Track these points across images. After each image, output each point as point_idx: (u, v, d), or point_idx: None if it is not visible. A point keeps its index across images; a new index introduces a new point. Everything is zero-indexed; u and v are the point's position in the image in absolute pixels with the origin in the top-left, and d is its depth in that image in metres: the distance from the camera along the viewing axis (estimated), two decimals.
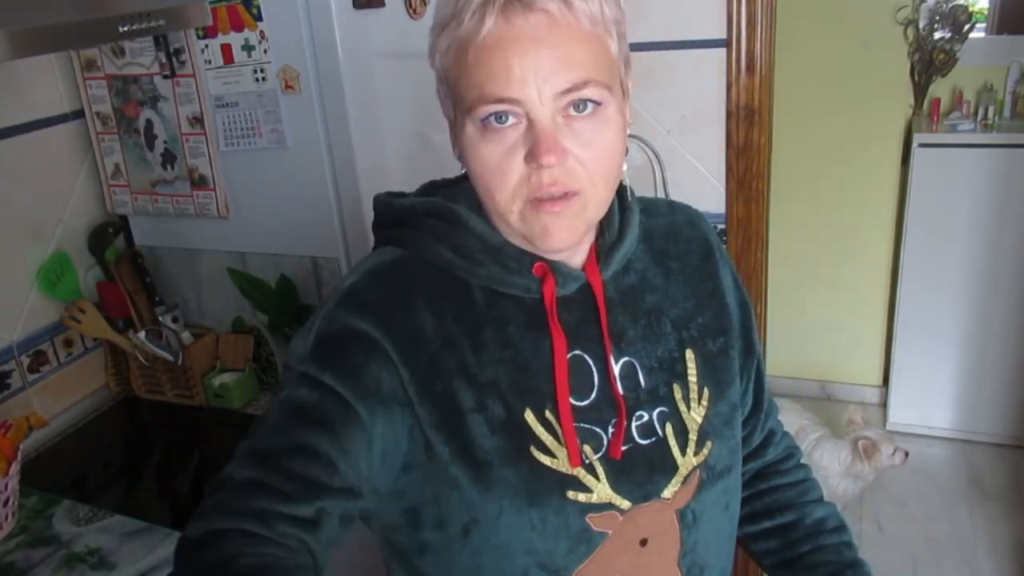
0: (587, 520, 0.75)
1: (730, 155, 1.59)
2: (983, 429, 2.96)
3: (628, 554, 0.77)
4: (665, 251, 0.85)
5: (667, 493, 0.78)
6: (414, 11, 1.60)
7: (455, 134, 0.74)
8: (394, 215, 0.80)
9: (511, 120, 0.67)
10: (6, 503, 1.30)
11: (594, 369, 0.77)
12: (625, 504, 0.77)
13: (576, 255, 0.78)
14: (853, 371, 3.25)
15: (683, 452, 0.79)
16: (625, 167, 0.77)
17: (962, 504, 2.69)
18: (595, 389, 0.77)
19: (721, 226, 1.65)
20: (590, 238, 0.79)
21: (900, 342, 2.96)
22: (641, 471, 0.77)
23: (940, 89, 2.86)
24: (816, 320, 3.19)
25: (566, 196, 0.69)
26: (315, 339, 0.73)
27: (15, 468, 1.31)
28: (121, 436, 1.66)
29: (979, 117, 2.75)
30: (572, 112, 0.67)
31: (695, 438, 0.80)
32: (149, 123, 1.58)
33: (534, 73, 0.65)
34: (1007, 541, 2.52)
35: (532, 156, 0.67)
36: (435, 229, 0.77)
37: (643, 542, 0.78)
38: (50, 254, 1.62)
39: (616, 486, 0.76)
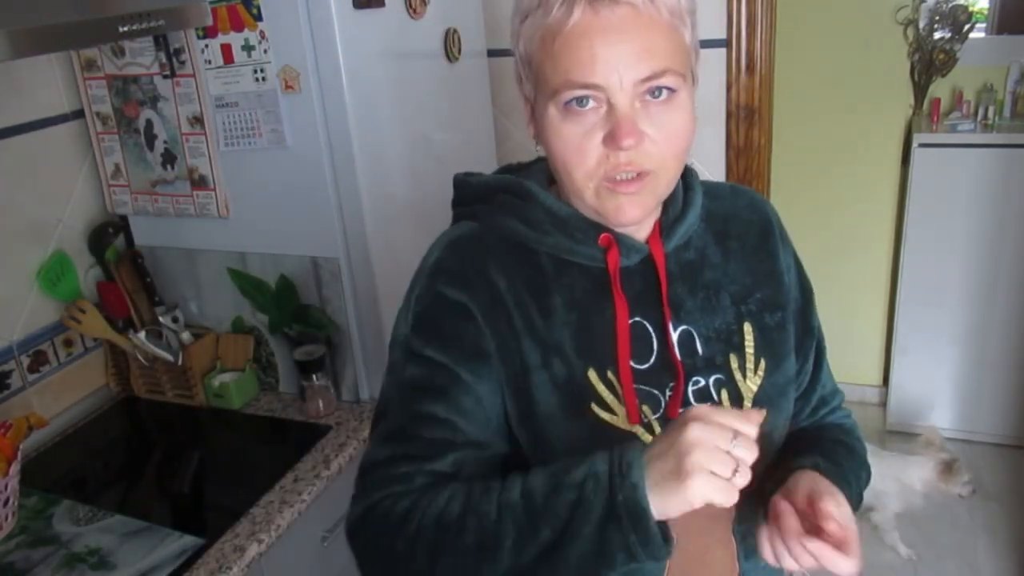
0: None
1: (730, 155, 1.59)
2: (983, 429, 2.96)
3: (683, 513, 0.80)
4: (725, 231, 0.89)
5: None
6: (414, 11, 1.60)
7: (533, 115, 0.80)
8: (471, 191, 0.88)
9: (591, 104, 0.72)
10: (6, 503, 1.30)
11: (653, 335, 0.82)
12: None
13: (640, 229, 0.83)
14: (853, 371, 3.25)
15: None
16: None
17: (962, 504, 2.69)
18: (654, 354, 0.82)
19: None
20: (655, 214, 0.84)
21: (900, 342, 2.96)
22: None
23: (940, 89, 2.86)
24: None
25: (640, 176, 0.74)
26: (413, 317, 0.83)
27: (15, 468, 1.31)
28: (121, 436, 1.66)
29: (979, 117, 2.75)
30: (648, 98, 0.73)
31: (749, 405, 0.84)
32: (149, 123, 1.58)
33: (617, 62, 0.70)
34: (1007, 541, 2.51)
35: (611, 138, 0.72)
36: (508, 203, 0.83)
37: None
38: (50, 254, 1.62)
39: None
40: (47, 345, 1.62)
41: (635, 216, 0.77)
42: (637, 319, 0.82)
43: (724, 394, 0.83)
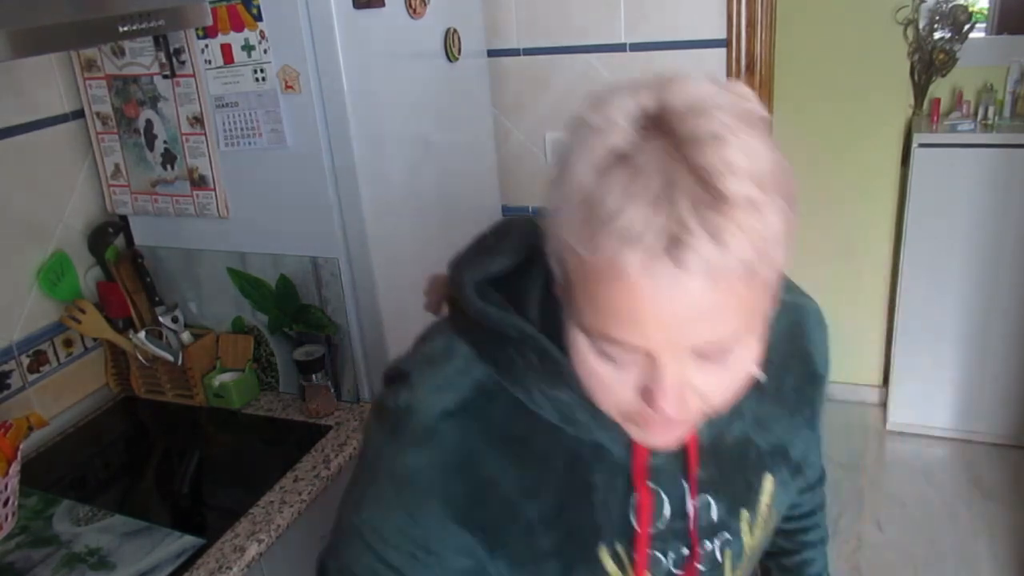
0: None
1: None
2: (983, 429, 2.96)
3: None
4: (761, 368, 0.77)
5: None
6: (414, 11, 1.60)
7: (563, 312, 0.61)
8: (478, 319, 0.67)
9: (633, 354, 0.56)
10: (6, 503, 1.30)
11: (667, 502, 0.72)
12: None
13: None
14: (853, 371, 3.25)
15: (733, 572, 0.79)
16: None
17: (962, 504, 2.69)
18: (665, 521, 0.73)
19: None
20: None
21: (900, 342, 2.96)
22: None
23: (940, 89, 2.86)
24: None
25: (682, 420, 0.60)
26: (370, 509, 0.69)
27: (15, 468, 1.31)
28: (121, 436, 1.66)
29: (979, 117, 2.75)
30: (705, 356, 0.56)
31: (748, 554, 0.79)
32: (149, 123, 1.58)
33: (667, 328, 0.52)
34: (1007, 541, 2.51)
35: (649, 397, 0.56)
36: (529, 366, 0.66)
37: None
38: (50, 254, 1.62)
39: None
40: (47, 345, 1.62)
41: (669, 448, 0.65)
42: (652, 486, 0.71)
43: (728, 553, 0.76)
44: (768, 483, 0.77)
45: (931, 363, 2.94)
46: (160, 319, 1.66)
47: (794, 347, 0.78)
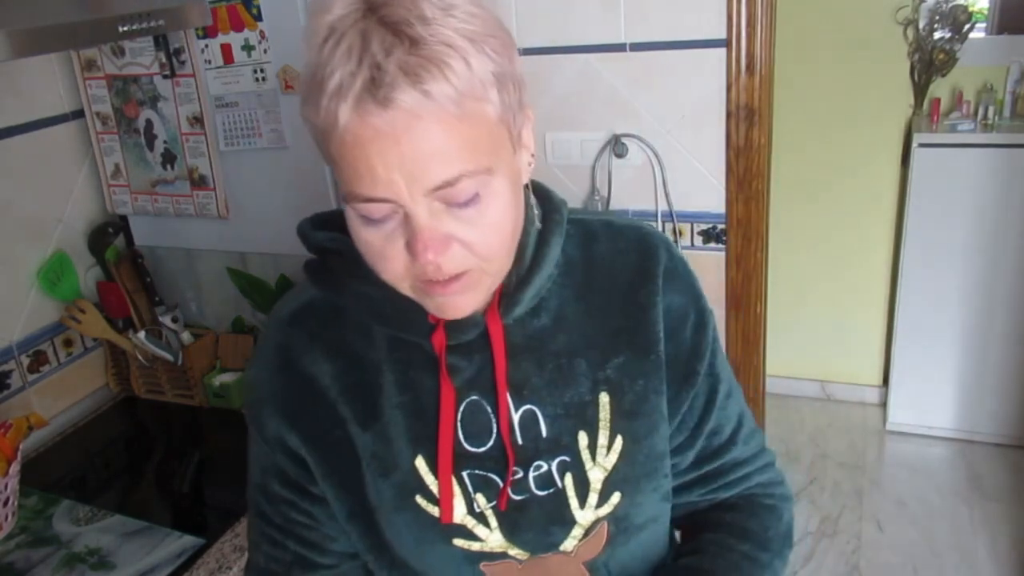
0: (480, 568, 0.76)
1: (730, 155, 1.59)
2: (983, 429, 2.96)
3: None
4: (587, 284, 0.78)
5: (567, 546, 0.77)
6: None
7: None
8: (311, 248, 0.78)
9: (387, 210, 0.61)
10: (6, 503, 1.30)
11: (492, 416, 0.74)
12: (523, 555, 0.76)
13: None
14: (853, 371, 3.25)
15: (582, 505, 0.76)
16: (535, 203, 0.75)
17: (962, 504, 2.69)
18: (493, 436, 0.74)
19: (721, 226, 1.65)
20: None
21: (900, 342, 2.96)
22: (537, 523, 0.76)
23: (940, 89, 2.86)
24: (816, 320, 3.19)
25: (456, 277, 0.64)
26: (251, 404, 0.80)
27: (15, 468, 1.31)
28: (121, 436, 1.66)
29: (979, 117, 2.75)
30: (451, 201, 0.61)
31: (599, 488, 0.76)
32: (149, 123, 1.58)
33: (399, 172, 0.58)
34: (1007, 541, 2.51)
35: (411, 250, 0.62)
36: (342, 271, 0.74)
37: None
38: (50, 254, 1.62)
39: (511, 536, 0.76)
40: (47, 345, 1.62)
41: (463, 312, 0.67)
42: (474, 398, 0.74)
43: (569, 478, 0.76)
44: (604, 405, 0.76)
45: (931, 363, 2.94)
46: (160, 319, 1.66)
47: (629, 261, 0.78)
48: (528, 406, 0.75)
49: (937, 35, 2.78)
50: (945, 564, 2.45)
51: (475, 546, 0.75)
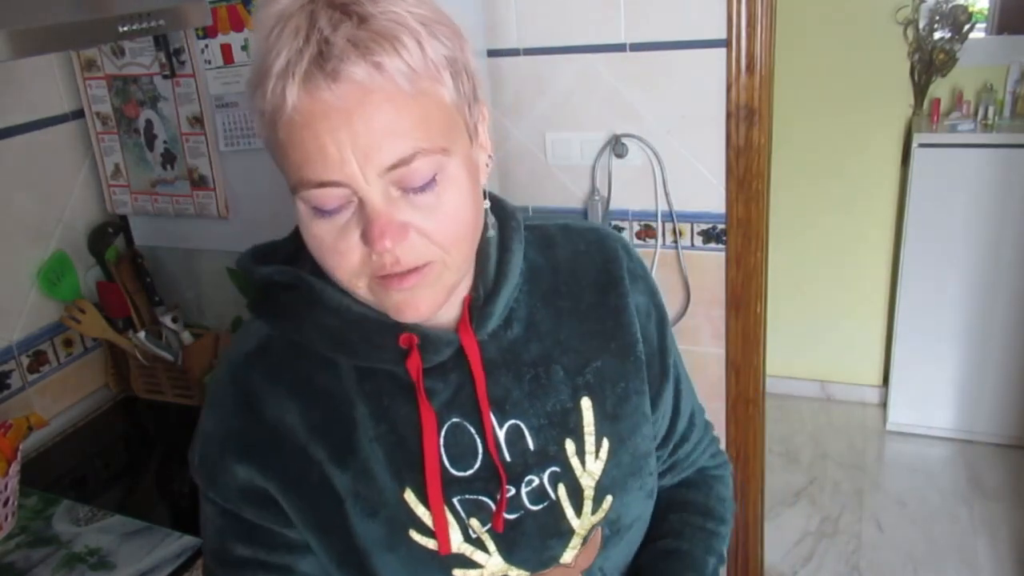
0: None
1: (730, 155, 1.59)
2: (983, 429, 2.96)
3: None
4: (554, 289, 0.76)
5: (567, 558, 0.76)
6: None
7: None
8: (257, 285, 0.73)
9: (339, 196, 0.59)
10: (6, 503, 1.30)
11: (476, 436, 0.71)
12: (523, 574, 0.75)
13: (447, 314, 0.71)
14: (853, 371, 3.25)
15: (578, 513, 0.75)
16: (487, 207, 0.71)
17: (962, 504, 2.69)
18: (479, 457, 0.71)
19: (721, 226, 1.65)
20: (462, 291, 0.71)
21: (900, 342, 2.96)
22: (535, 539, 0.74)
23: (940, 89, 2.86)
24: (816, 320, 3.19)
25: (415, 270, 0.61)
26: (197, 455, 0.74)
27: (15, 468, 1.31)
28: (121, 436, 1.66)
29: (979, 117, 2.75)
30: (407, 184, 0.59)
31: (592, 495, 0.75)
32: (149, 123, 1.58)
33: (352, 151, 0.56)
34: (1007, 541, 2.51)
35: (366, 238, 0.59)
36: (294, 306, 0.70)
37: None
38: (50, 254, 1.62)
39: (510, 556, 0.74)
40: (47, 345, 1.62)
41: (422, 313, 0.64)
42: (455, 420, 0.71)
43: (562, 489, 0.74)
44: (587, 409, 0.75)
45: (931, 363, 2.94)
46: (160, 319, 1.66)
47: (591, 264, 0.78)
48: (512, 421, 0.73)
49: (937, 35, 2.78)
50: (945, 564, 2.45)
51: (473, 573, 0.73)
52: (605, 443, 0.76)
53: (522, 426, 0.73)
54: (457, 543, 0.72)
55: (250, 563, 0.73)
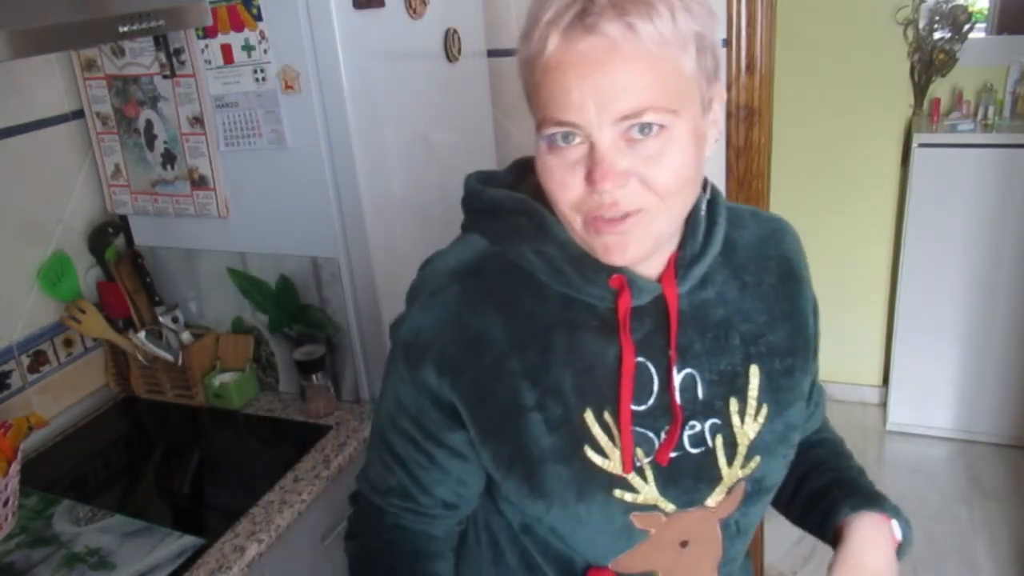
0: (631, 518, 0.79)
1: (730, 155, 1.59)
2: (983, 429, 2.96)
3: (667, 552, 0.82)
4: (743, 265, 0.84)
5: (711, 502, 0.81)
6: (414, 11, 1.60)
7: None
8: (483, 205, 0.82)
9: (575, 140, 0.67)
10: (6, 503, 1.30)
11: (655, 377, 0.79)
12: (670, 507, 0.80)
13: (653, 265, 0.78)
14: (853, 371, 3.25)
15: (729, 464, 0.81)
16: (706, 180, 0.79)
17: (962, 504, 2.69)
18: (653, 396, 0.79)
19: None
20: (670, 248, 0.78)
21: (900, 342, 2.96)
22: (688, 478, 0.80)
23: (940, 89, 2.86)
24: None
25: (627, 216, 0.68)
26: (384, 398, 0.85)
27: (15, 468, 1.31)
28: (121, 436, 1.66)
29: (979, 117, 2.75)
30: (635, 135, 0.66)
31: (744, 451, 0.81)
32: (149, 123, 1.58)
33: (592, 98, 0.64)
34: (1007, 541, 2.52)
35: (590, 179, 0.67)
36: (521, 229, 0.78)
37: (683, 543, 0.82)
38: (50, 254, 1.62)
39: (663, 490, 0.79)
40: (47, 345, 1.62)
41: (627, 258, 0.71)
42: (640, 359, 0.78)
43: (719, 439, 0.81)
44: (755, 375, 0.82)
45: (931, 363, 2.94)
46: (160, 319, 1.66)
47: (775, 251, 0.87)
48: (688, 370, 0.80)
49: (937, 35, 2.79)
50: (945, 564, 2.45)
51: (629, 497, 0.78)
52: (764, 409, 0.83)
53: (696, 376, 0.80)
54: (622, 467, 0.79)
55: (410, 438, 0.83)
